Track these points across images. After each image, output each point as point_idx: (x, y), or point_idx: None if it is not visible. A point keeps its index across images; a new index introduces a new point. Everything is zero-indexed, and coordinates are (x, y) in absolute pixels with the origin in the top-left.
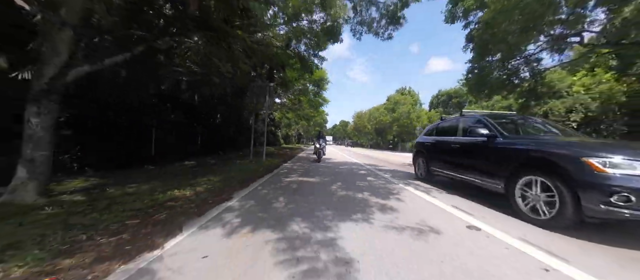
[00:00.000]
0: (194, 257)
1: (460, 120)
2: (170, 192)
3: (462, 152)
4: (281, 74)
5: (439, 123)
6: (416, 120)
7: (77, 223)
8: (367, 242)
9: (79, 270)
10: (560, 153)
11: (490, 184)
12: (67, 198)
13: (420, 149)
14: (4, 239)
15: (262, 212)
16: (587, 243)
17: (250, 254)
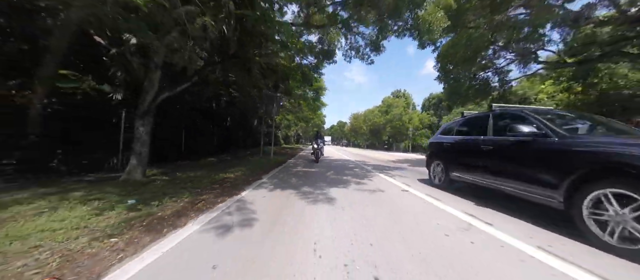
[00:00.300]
0: (258, 197)
1: (491, 116)
2: (221, 174)
3: (496, 155)
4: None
5: (461, 120)
6: (408, 122)
7: (185, 187)
8: (343, 194)
9: (212, 198)
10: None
11: (541, 197)
12: (158, 178)
13: (436, 150)
14: (161, 191)
15: (284, 184)
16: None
17: (284, 197)
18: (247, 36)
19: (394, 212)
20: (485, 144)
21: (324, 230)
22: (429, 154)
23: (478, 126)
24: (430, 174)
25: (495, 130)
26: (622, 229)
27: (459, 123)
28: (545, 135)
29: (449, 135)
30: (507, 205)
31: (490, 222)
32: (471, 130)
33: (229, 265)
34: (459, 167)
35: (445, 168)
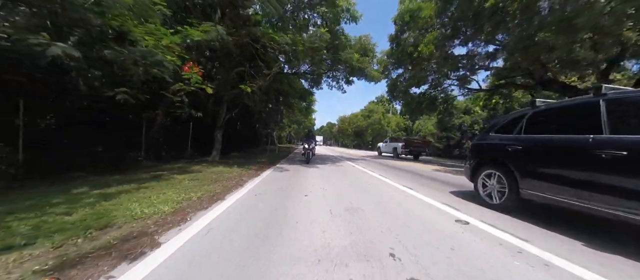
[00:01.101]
0: (284, 166)
1: (604, 105)
2: (257, 160)
3: (624, 166)
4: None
5: (533, 111)
6: (387, 126)
7: (247, 164)
8: (328, 168)
9: (265, 167)
10: None
11: None
12: (226, 161)
13: (492, 155)
14: (239, 165)
15: (293, 163)
16: None
17: (296, 169)
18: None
19: (348, 174)
20: (600, 148)
21: (315, 177)
22: (476, 163)
23: (575, 120)
24: (479, 190)
25: (615, 126)
26: None
27: (529, 115)
28: None
29: (513, 134)
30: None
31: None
32: (564, 125)
33: (283, 179)
34: (543, 182)
35: (514, 182)
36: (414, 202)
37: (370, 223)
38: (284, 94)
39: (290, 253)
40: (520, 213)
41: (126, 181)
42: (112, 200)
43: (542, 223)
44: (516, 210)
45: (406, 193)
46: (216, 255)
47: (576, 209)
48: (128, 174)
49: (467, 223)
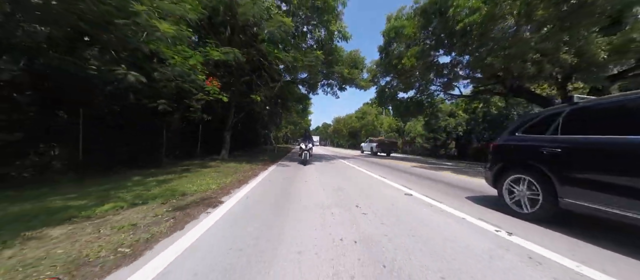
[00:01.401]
0: (285, 163)
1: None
2: (260, 158)
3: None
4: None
5: (571, 108)
6: (380, 127)
7: (253, 161)
8: (323, 164)
9: (268, 164)
10: None
11: None
12: (234, 159)
13: (521, 158)
14: (245, 161)
15: (293, 161)
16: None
17: (296, 166)
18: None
19: (338, 168)
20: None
21: (312, 170)
22: (500, 168)
23: (629, 119)
24: (504, 198)
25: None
26: None
27: (567, 113)
28: None
29: (548, 135)
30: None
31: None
32: (612, 125)
33: (287, 172)
34: (591, 191)
35: (546, 189)
36: (381, 185)
37: (348, 194)
38: (284, 99)
39: (300, 205)
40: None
41: (165, 173)
42: (169, 183)
43: (587, 238)
44: (546, 220)
45: (378, 180)
46: (257, 206)
47: (631, 222)
48: (162, 168)
49: (410, 195)
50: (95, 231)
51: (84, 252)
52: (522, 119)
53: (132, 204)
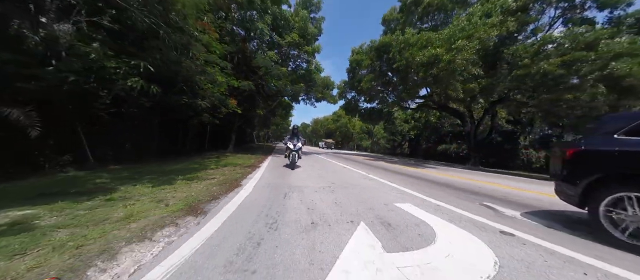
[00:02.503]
0: (279, 156)
1: None
2: (255, 153)
3: None
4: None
5: None
6: (352, 129)
7: (254, 153)
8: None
9: (264, 156)
10: None
11: None
12: (236, 152)
13: (632, 168)
14: (248, 154)
15: (282, 154)
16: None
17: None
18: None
19: (316, 159)
20: None
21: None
22: (587, 177)
23: None
24: (600, 219)
25: None
26: None
27: None
28: None
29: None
30: None
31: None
32: None
33: (281, 161)
34: None
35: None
36: (344, 170)
37: (325, 173)
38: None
39: (296, 179)
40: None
41: (209, 157)
42: (221, 161)
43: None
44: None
45: (342, 166)
46: (268, 184)
47: None
48: (200, 156)
49: (372, 179)
50: (174, 195)
51: (212, 190)
52: (612, 116)
53: (217, 167)
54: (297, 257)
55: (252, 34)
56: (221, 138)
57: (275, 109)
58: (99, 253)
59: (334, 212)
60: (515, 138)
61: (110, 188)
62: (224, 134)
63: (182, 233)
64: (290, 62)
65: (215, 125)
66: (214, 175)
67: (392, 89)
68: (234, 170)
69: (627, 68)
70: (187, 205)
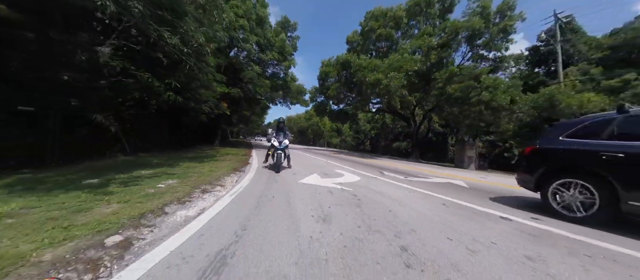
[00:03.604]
0: (262, 150)
1: None
2: (240, 148)
3: None
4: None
5: (624, 116)
6: (323, 127)
7: (236, 148)
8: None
9: (248, 150)
10: None
11: None
12: (221, 147)
13: (572, 162)
14: (234, 148)
15: (262, 148)
16: None
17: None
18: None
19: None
20: None
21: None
22: (540, 168)
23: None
24: (549, 200)
25: None
26: None
27: (620, 120)
28: None
29: (602, 140)
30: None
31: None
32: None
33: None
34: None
35: (605, 193)
36: (314, 159)
37: (302, 161)
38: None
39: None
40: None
41: (204, 150)
42: (220, 151)
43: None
44: (602, 224)
45: (313, 157)
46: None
47: None
48: (198, 149)
49: (328, 162)
50: (211, 168)
51: (219, 172)
52: (562, 123)
53: (223, 156)
54: (289, 179)
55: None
56: (205, 134)
57: (254, 109)
58: (214, 179)
59: (306, 170)
60: (445, 138)
61: (170, 164)
62: (207, 131)
63: (239, 179)
64: (268, 69)
65: (202, 123)
66: (226, 159)
67: (356, 94)
68: (237, 157)
69: (490, 96)
70: (232, 169)
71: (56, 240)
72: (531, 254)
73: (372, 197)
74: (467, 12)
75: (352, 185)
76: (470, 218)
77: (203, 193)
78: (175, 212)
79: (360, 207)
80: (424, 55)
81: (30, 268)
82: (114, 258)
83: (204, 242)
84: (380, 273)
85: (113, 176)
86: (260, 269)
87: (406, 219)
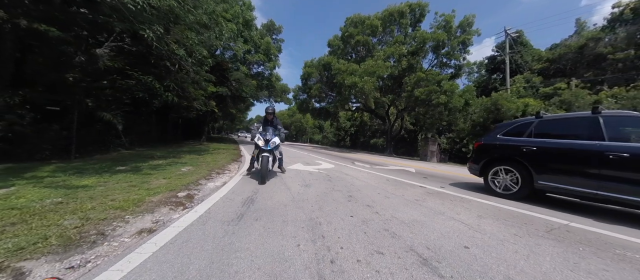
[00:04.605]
0: (248, 145)
1: (603, 120)
2: (227, 143)
3: (632, 165)
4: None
5: (539, 120)
6: (305, 124)
7: (223, 143)
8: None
9: (235, 145)
10: None
11: None
12: (208, 142)
13: (505, 154)
14: (223, 143)
15: (248, 144)
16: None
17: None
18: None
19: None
20: (615, 151)
21: None
22: (483, 158)
23: (579, 130)
24: (489, 183)
25: (612, 135)
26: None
27: (537, 123)
28: None
29: (524, 138)
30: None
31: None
32: (566, 133)
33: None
34: (557, 176)
35: (528, 175)
36: (301, 153)
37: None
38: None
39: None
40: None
41: (195, 145)
42: (213, 144)
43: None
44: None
45: (297, 151)
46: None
47: (586, 197)
48: (190, 144)
49: (308, 155)
50: (213, 159)
51: (221, 161)
52: (500, 125)
53: (216, 150)
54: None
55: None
56: (192, 131)
57: (239, 107)
58: (220, 166)
59: (291, 161)
60: (415, 135)
61: (174, 156)
62: (193, 128)
63: (240, 166)
64: (253, 68)
65: (188, 120)
66: (220, 153)
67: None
68: (229, 151)
69: (446, 99)
70: (230, 159)
71: (150, 194)
72: (420, 199)
73: (339, 176)
74: (434, 25)
75: (327, 170)
76: (398, 186)
77: (218, 174)
78: (206, 184)
79: (330, 181)
80: (396, 61)
81: (148, 203)
82: (188, 200)
83: (237, 195)
84: (335, 203)
85: (135, 164)
86: (272, 202)
87: (358, 186)
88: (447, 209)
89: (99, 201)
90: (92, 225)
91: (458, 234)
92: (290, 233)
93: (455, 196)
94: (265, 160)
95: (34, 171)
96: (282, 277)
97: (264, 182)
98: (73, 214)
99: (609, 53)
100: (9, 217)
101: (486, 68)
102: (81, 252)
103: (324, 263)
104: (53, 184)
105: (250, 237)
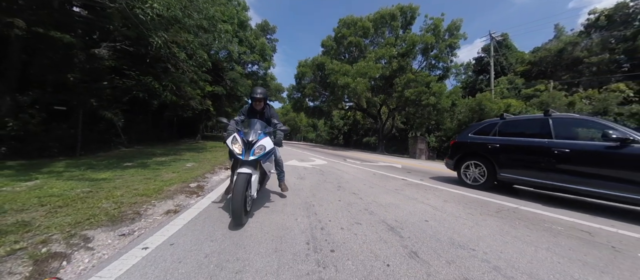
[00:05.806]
0: None
1: (552, 122)
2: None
3: (571, 158)
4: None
5: (503, 121)
6: (299, 122)
7: (219, 141)
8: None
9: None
10: None
11: (631, 197)
12: (206, 140)
13: (474, 150)
14: (218, 142)
15: None
16: None
17: None
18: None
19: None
20: (559, 147)
21: None
22: (460, 156)
23: (533, 129)
24: (461, 176)
25: (558, 134)
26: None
27: (500, 124)
28: (634, 141)
29: (490, 136)
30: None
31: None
32: (525, 132)
33: None
34: (516, 169)
35: (492, 169)
36: (295, 151)
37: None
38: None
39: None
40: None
41: (193, 144)
42: (209, 142)
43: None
44: (494, 188)
45: (292, 150)
46: None
47: (544, 187)
48: (187, 142)
49: (302, 152)
50: (213, 156)
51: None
52: (471, 125)
53: (213, 148)
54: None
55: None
56: (187, 129)
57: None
58: (221, 162)
59: (285, 157)
60: (406, 134)
61: (175, 153)
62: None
63: None
64: (248, 66)
65: (183, 118)
66: (218, 151)
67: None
68: (226, 149)
69: (435, 100)
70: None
71: (166, 185)
72: (399, 189)
73: (331, 171)
74: (423, 27)
75: (321, 166)
76: (382, 179)
77: (221, 169)
78: (212, 177)
79: (323, 174)
80: (387, 62)
81: (167, 191)
82: (199, 189)
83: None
84: (326, 191)
85: (141, 161)
86: (272, 191)
87: (347, 179)
88: (420, 196)
89: (124, 190)
90: (127, 207)
91: (423, 212)
92: (289, 212)
93: (431, 187)
94: (241, 183)
95: (49, 167)
96: (285, 238)
97: (240, 223)
98: (107, 199)
99: (585, 57)
100: (54, 202)
101: (473, 69)
102: (126, 225)
103: (316, 229)
104: (74, 177)
105: (258, 215)
